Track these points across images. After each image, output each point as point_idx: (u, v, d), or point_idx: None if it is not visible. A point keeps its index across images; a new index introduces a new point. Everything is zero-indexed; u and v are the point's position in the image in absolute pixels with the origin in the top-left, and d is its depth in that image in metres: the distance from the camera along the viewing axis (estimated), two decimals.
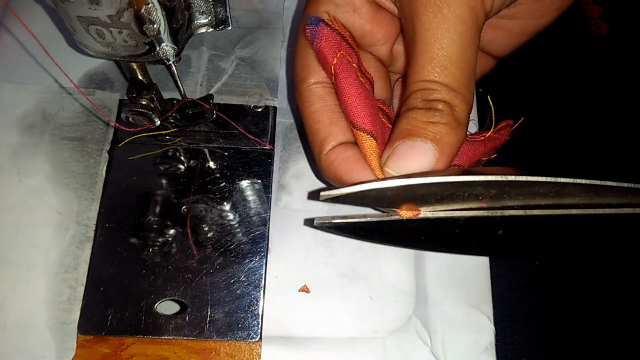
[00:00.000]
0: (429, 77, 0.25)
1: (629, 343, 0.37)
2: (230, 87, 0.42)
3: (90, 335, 0.34)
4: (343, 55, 0.29)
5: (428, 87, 0.26)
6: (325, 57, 0.29)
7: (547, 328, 0.37)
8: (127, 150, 0.39)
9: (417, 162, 0.25)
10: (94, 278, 0.35)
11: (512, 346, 0.36)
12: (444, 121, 0.25)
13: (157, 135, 0.39)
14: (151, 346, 0.34)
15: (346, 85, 0.29)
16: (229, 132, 0.40)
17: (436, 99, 0.25)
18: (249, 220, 0.38)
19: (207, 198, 0.38)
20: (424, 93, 0.26)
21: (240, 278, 0.36)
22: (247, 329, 0.35)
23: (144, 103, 0.35)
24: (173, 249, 0.36)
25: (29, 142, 0.39)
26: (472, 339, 0.35)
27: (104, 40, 0.29)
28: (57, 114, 0.40)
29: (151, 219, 0.37)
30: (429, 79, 0.25)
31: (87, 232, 0.37)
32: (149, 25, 0.27)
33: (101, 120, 0.40)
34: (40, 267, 0.36)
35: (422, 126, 0.26)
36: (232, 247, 0.37)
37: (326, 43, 0.29)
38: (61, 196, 0.38)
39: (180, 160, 0.39)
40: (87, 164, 0.39)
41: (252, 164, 0.39)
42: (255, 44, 0.44)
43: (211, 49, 0.44)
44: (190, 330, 0.34)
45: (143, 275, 0.35)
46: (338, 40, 0.29)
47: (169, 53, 0.30)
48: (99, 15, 0.27)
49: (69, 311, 0.35)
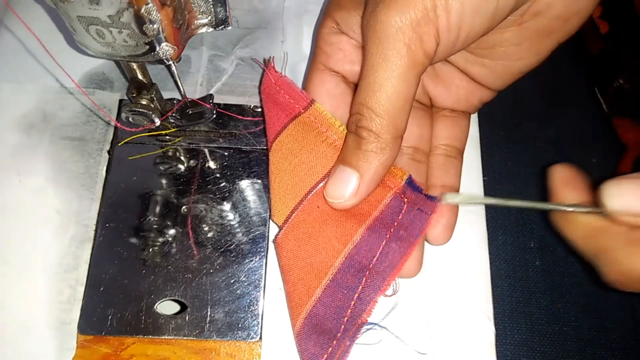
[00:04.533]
0: (362, 100, 0.29)
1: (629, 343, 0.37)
2: (230, 87, 0.42)
3: (90, 335, 0.34)
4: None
5: (360, 111, 0.29)
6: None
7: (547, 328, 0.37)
8: (127, 150, 0.39)
9: (343, 187, 0.30)
10: (94, 278, 0.35)
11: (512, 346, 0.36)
12: (368, 149, 0.29)
13: (157, 135, 0.39)
14: (151, 346, 0.34)
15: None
16: (229, 132, 0.40)
17: (363, 126, 0.29)
18: (249, 220, 0.38)
19: (207, 198, 0.38)
20: (357, 118, 0.29)
21: (240, 278, 0.36)
22: (247, 329, 0.35)
23: (144, 103, 0.35)
24: (173, 249, 0.36)
25: (29, 142, 0.39)
26: (472, 339, 0.35)
27: (104, 40, 0.29)
28: (57, 114, 0.40)
29: (151, 219, 0.37)
30: (362, 102, 0.29)
31: (87, 232, 0.37)
32: (149, 25, 0.27)
33: (101, 120, 0.40)
34: (40, 267, 0.36)
35: (351, 152, 0.30)
36: (232, 247, 0.37)
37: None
38: (61, 196, 0.38)
39: (180, 160, 0.39)
40: (87, 164, 0.39)
41: (252, 164, 0.39)
42: (255, 44, 0.44)
43: (211, 49, 0.44)
44: (190, 330, 0.34)
45: (143, 275, 0.35)
46: None
47: (169, 53, 0.30)
48: (99, 15, 0.27)
49: (69, 311, 0.35)
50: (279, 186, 0.34)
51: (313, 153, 0.34)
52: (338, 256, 0.32)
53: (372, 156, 0.29)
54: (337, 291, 0.32)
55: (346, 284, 0.32)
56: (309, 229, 0.33)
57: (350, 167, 0.30)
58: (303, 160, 0.34)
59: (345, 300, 0.32)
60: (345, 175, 0.30)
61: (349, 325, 0.32)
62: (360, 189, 0.30)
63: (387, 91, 0.28)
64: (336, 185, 0.31)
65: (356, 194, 0.30)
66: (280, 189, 0.34)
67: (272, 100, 0.35)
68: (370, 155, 0.29)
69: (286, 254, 0.33)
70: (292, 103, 0.34)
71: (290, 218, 0.34)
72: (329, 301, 0.32)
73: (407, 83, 0.28)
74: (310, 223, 0.33)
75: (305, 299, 0.32)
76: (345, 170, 0.30)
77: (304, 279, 0.33)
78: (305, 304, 0.32)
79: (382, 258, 0.32)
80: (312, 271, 0.33)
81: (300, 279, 0.33)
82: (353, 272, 0.32)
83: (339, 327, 0.32)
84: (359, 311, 0.32)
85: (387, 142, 0.29)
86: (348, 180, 0.30)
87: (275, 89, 0.35)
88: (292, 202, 0.34)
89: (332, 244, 0.32)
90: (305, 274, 0.33)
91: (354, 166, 0.30)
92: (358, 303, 0.32)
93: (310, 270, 0.33)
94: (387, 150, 0.29)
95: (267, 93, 0.36)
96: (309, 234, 0.33)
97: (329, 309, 0.32)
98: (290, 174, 0.34)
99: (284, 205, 0.34)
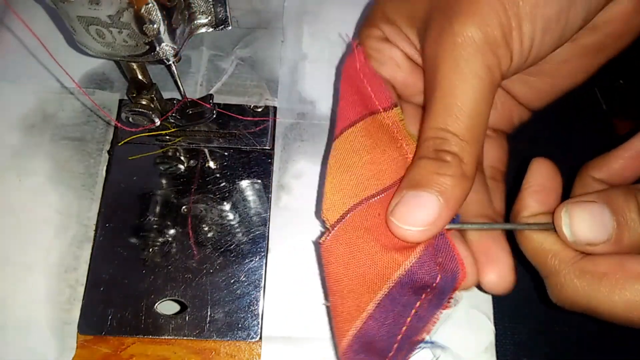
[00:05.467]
0: (442, 124, 0.26)
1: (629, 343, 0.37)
2: (230, 87, 0.42)
3: (90, 335, 0.34)
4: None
5: (439, 135, 0.26)
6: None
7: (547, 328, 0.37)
8: (127, 150, 0.39)
9: (421, 213, 0.26)
10: (94, 278, 0.35)
11: (512, 346, 0.36)
12: (450, 173, 0.26)
13: (157, 135, 0.39)
14: (151, 346, 0.34)
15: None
16: (229, 132, 0.40)
17: (445, 149, 0.26)
18: (249, 220, 0.38)
19: (207, 198, 0.38)
20: (436, 142, 0.27)
21: (240, 278, 0.36)
22: (247, 329, 0.35)
23: (144, 103, 0.35)
24: (173, 249, 0.36)
25: (29, 142, 0.39)
26: (472, 339, 0.35)
27: (104, 40, 0.29)
28: (57, 114, 0.40)
29: (151, 219, 0.37)
30: (441, 127, 0.26)
31: (87, 232, 0.37)
32: (148, 25, 0.27)
33: (102, 120, 0.40)
34: (40, 267, 0.36)
35: (429, 177, 0.26)
36: (232, 247, 0.37)
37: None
38: (61, 196, 0.38)
39: (180, 160, 0.39)
40: (87, 164, 0.39)
41: (252, 164, 0.39)
42: (255, 44, 0.44)
43: (211, 49, 0.44)
44: (190, 330, 0.34)
45: (143, 275, 0.35)
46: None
47: (169, 53, 0.30)
48: (99, 15, 0.27)
49: (69, 311, 0.35)
50: (340, 179, 0.30)
51: (386, 156, 0.30)
52: (397, 269, 0.28)
53: (456, 182, 0.26)
54: (393, 307, 0.28)
55: (403, 300, 0.28)
56: (364, 235, 0.29)
57: (428, 192, 0.26)
58: (375, 159, 0.30)
59: (400, 317, 0.28)
60: (423, 200, 0.26)
61: (402, 344, 0.28)
62: (441, 217, 0.26)
63: (470, 114, 0.26)
64: (411, 210, 0.26)
65: (435, 222, 0.26)
66: (341, 183, 0.30)
67: (353, 86, 0.33)
68: (455, 181, 0.26)
69: (335, 261, 0.29)
70: (372, 98, 0.32)
71: (345, 218, 0.30)
72: (382, 318, 0.28)
73: (487, 106, 0.26)
74: (367, 229, 0.29)
75: (355, 314, 0.29)
76: (421, 196, 0.26)
77: (354, 291, 0.29)
78: (354, 320, 0.29)
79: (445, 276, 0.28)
80: (364, 283, 0.29)
81: (350, 291, 0.29)
82: (413, 288, 0.28)
83: (391, 347, 0.28)
84: (415, 329, 0.28)
85: (471, 169, 0.26)
86: (426, 206, 0.26)
87: (359, 76, 0.32)
88: (350, 201, 0.30)
89: (392, 256, 0.28)
90: (357, 286, 0.29)
91: (436, 191, 0.26)
92: (415, 320, 0.28)
93: (362, 282, 0.29)
94: (470, 177, 0.26)
95: (348, 76, 0.33)
96: (364, 240, 0.29)
97: (382, 326, 0.28)
98: (357, 170, 0.30)
99: (342, 202, 0.30)
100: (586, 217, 0.25)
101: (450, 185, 0.26)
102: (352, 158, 0.31)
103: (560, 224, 0.26)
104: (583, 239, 0.25)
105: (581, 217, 0.26)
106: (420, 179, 0.27)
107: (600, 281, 0.25)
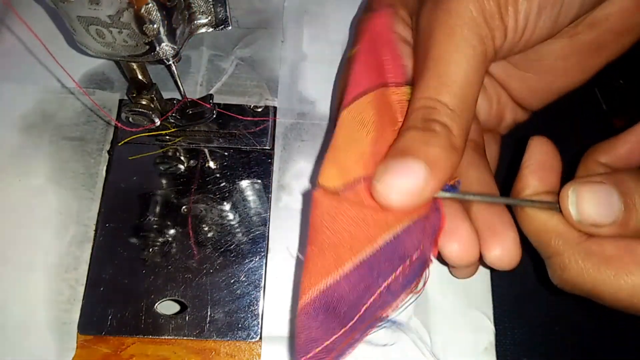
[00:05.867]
0: (432, 94, 0.26)
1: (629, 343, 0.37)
2: (230, 87, 0.42)
3: (90, 335, 0.34)
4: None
5: (429, 104, 0.26)
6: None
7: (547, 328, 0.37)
8: (127, 150, 0.39)
9: (407, 182, 0.25)
10: (94, 278, 0.35)
11: (512, 346, 0.36)
12: (438, 144, 0.25)
13: (157, 135, 0.39)
14: (151, 346, 0.34)
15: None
16: (229, 132, 0.40)
17: (434, 118, 0.26)
18: (249, 220, 0.38)
19: (207, 198, 0.38)
20: (425, 112, 0.26)
21: (240, 278, 0.36)
22: (247, 329, 0.35)
23: (144, 103, 0.35)
24: (173, 249, 0.36)
25: (29, 142, 0.39)
26: (472, 339, 0.35)
27: (104, 40, 0.29)
28: (57, 114, 0.40)
29: (151, 219, 0.37)
30: (431, 96, 0.26)
31: (87, 232, 0.37)
32: (149, 25, 0.27)
33: (101, 120, 0.40)
34: (40, 267, 0.36)
35: (416, 146, 0.25)
36: (232, 247, 0.37)
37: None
38: (61, 196, 0.38)
39: (180, 160, 0.39)
40: (87, 164, 0.39)
41: (252, 164, 0.39)
42: (255, 44, 0.44)
43: (211, 49, 0.44)
44: (190, 330, 0.34)
45: (143, 275, 0.35)
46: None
47: (169, 53, 0.30)
48: (99, 15, 0.27)
49: (69, 311, 0.35)
50: (345, 153, 0.29)
51: (383, 137, 0.28)
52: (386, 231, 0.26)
53: (444, 153, 0.25)
54: (369, 272, 0.26)
55: (379, 268, 0.26)
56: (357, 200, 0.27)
57: (414, 161, 0.25)
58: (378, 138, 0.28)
59: (371, 286, 0.26)
60: (409, 168, 0.25)
61: (365, 315, 0.26)
62: (428, 185, 0.25)
63: (461, 85, 0.25)
64: (396, 177, 0.25)
65: (421, 191, 0.25)
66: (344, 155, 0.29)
67: (372, 50, 0.31)
68: (443, 152, 0.25)
69: (324, 210, 0.27)
70: (388, 69, 0.30)
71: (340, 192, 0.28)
72: (355, 281, 0.26)
73: (479, 77, 0.26)
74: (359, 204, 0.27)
75: (329, 269, 0.27)
76: (407, 164, 0.25)
77: (335, 246, 0.27)
78: (327, 275, 0.27)
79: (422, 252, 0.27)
80: (349, 240, 0.27)
81: (331, 245, 0.27)
82: (392, 258, 0.27)
83: (353, 315, 0.26)
84: (382, 303, 0.27)
85: (460, 141, 0.26)
86: (412, 173, 0.25)
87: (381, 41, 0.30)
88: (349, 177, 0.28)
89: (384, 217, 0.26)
90: (340, 241, 0.27)
91: (422, 160, 0.25)
92: (384, 293, 0.26)
93: (347, 237, 0.27)
94: (459, 150, 0.26)
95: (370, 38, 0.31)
96: (357, 203, 0.27)
97: (352, 290, 0.26)
98: (360, 146, 0.28)
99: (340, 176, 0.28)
100: (593, 197, 0.25)
101: (438, 155, 0.25)
102: (360, 132, 0.29)
103: (566, 203, 0.26)
104: (589, 220, 0.25)
105: (588, 196, 0.25)
106: (407, 148, 0.26)
107: (607, 264, 0.24)
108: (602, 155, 0.29)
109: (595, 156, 0.30)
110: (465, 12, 0.25)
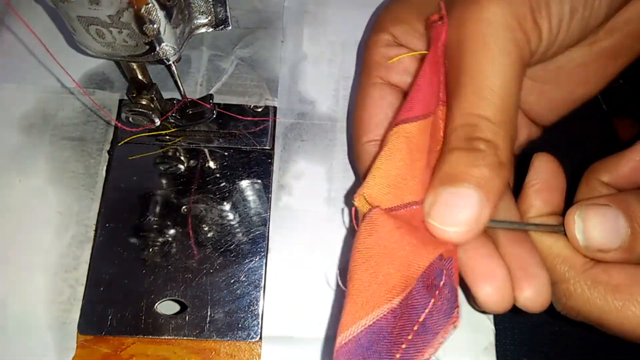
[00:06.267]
0: (471, 109, 0.24)
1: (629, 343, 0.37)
2: (230, 87, 0.42)
3: (90, 335, 0.34)
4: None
5: (470, 121, 0.24)
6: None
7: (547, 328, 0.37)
8: (127, 150, 0.39)
9: (462, 212, 0.23)
10: (94, 278, 0.35)
11: (512, 346, 0.36)
12: (486, 163, 0.23)
13: (157, 135, 0.39)
14: (151, 346, 0.34)
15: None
16: (229, 132, 0.40)
17: (478, 137, 0.24)
18: (249, 220, 0.38)
19: (207, 198, 0.38)
20: (466, 130, 0.24)
21: (240, 278, 0.36)
22: (247, 329, 0.35)
23: (144, 103, 0.35)
24: (173, 249, 0.36)
25: (29, 142, 0.39)
26: (472, 339, 0.35)
27: (104, 40, 0.29)
28: (57, 114, 0.40)
29: (151, 219, 0.37)
30: (471, 112, 0.24)
31: (87, 232, 0.37)
32: (148, 25, 0.27)
33: (102, 120, 0.40)
34: (40, 267, 0.36)
35: (464, 170, 0.24)
36: (232, 247, 0.37)
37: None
38: (61, 196, 0.38)
39: (180, 160, 0.39)
40: (87, 164, 0.39)
41: (252, 164, 0.39)
42: (255, 44, 0.44)
43: (211, 49, 0.44)
44: (190, 330, 0.34)
45: (143, 275, 0.35)
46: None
47: (169, 53, 0.30)
48: (99, 15, 0.27)
49: (69, 311, 0.35)
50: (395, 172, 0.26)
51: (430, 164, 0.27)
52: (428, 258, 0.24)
53: (494, 172, 0.23)
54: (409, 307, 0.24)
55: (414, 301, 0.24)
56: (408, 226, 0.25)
57: (466, 188, 0.23)
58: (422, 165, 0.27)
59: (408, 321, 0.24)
60: (461, 197, 0.23)
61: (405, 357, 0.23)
62: (483, 212, 0.23)
63: (501, 95, 0.24)
64: (450, 209, 0.24)
65: (478, 219, 0.23)
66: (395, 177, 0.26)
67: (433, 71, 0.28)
68: (493, 171, 0.23)
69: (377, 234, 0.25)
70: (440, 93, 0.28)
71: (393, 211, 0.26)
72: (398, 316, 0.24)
73: (518, 86, 0.24)
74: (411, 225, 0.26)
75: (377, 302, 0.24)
76: (459, 192, 0.23)
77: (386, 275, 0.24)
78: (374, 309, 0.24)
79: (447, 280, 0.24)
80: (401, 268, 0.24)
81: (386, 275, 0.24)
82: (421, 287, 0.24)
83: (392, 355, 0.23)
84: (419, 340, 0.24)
85: (507, 154, 0.24)
86: (466, 203, 0.23)
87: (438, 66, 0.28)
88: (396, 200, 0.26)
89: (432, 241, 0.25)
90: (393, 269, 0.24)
91: (474, 185, 0.23)
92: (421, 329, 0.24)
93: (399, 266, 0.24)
94: (507, 164, 0.24)
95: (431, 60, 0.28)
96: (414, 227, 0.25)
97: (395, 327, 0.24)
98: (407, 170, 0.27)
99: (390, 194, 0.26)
100: (600, 221, 0.24)
101: (488, 176, 0.23)
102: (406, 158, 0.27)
103: (572, 228, 0.25)
104: (596, 245, 0.24)
105: (595, 221, 0.24)
106: (454, 174, 0.24)
107: (614, 294, 0.24)
108: (604, 174, 0.29)
109: (597, 174, 0.29)
110: (497, 19, 0.24)
